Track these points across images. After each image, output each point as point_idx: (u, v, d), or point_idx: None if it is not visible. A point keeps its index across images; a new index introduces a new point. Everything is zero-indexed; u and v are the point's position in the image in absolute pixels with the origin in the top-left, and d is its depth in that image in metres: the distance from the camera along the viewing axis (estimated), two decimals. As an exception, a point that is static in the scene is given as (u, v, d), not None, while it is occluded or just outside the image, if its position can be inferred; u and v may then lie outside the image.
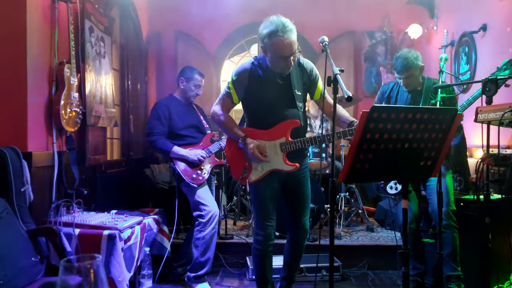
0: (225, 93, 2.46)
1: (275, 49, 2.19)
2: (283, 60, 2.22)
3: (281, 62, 2.24)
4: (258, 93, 2.37)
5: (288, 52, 2.19)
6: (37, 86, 2.62)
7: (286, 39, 2.15)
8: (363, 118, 1.60)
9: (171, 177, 4.06)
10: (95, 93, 3.29)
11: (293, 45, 2.19)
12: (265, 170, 2.42)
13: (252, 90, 2.38)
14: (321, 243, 3.63)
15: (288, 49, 2.18)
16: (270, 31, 2.18)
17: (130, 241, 2.60)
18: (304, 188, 2.52)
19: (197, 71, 3.24)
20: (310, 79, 2.45)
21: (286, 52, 2.18)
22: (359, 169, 1.71)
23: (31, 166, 2.50)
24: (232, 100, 2.45)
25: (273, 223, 2.45)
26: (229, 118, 2.48)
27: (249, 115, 2.50)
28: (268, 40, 2.19)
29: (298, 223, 2.53)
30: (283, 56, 2.20)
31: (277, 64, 2.28)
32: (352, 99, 1.70)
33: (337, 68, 1.75)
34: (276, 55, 2.21)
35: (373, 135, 1.65)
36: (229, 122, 2.46)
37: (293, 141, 2.36)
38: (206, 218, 3.00)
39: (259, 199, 2.44)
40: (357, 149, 1.66)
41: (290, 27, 2.17)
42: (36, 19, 2.60)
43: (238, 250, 3.69)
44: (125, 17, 4.25)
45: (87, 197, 2.98)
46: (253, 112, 2.46)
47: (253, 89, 2.37)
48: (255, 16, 5.55)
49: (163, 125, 3.09)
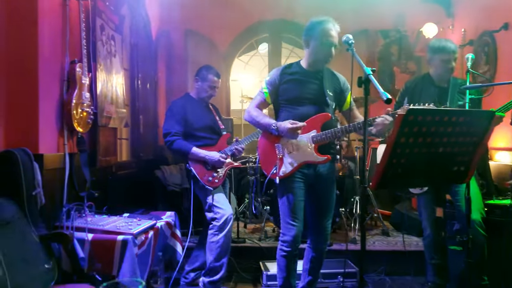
0: (260, 94, 2.58)
1: (323, 34, 2.36)
2: (327, 48, 2.37)
3: (324, 51, 2.38)
4: (292, 92, 2.47)
5: (333, 41, 2.36)
6: (49, 85, 2.54)
7: (334, 29, 2.38)
8: (398, 122, 1.51)
9: (182, 179, 3.99)
10: (106, 93, 3.21)
11: (337, 38, 2.37)
12: (298, 163, 2.42)
13: (286, 90, 2.49)
14: (335, 247, 3.54)
15: (334, 38, 2.37)
16: (322, 19, 2.39)
17: (144, 246, 2.51)
18: (330, 191, 2.53)
19: (214, 72, 3.14)
20: (342, 89, 2.57)
21: (332, 40, 2.36)
22: (392, 174, 1.62)
23: (42, 168, 2.42)
24: (266, 100, 2.56)
25: (300, 224, 2.43)
26: (260, 112, 2.58)
27: (281, 113, 2.53)
28: (318, 26, 2.38)
29: (320, 226, 2.52)
30: (329, 41, 2.36)
31: (319, 54, 2.41)
32: (391, 101, 1.60)
33: (368, 68, 1.66)
34: (323, 40, 2.36)
35: (407, 139, 1.57)
36: (260, 114, 2.56)
37: (323, 132, 2.41)
38: (221, 221, 2.91)
39: (287, 198, 2.42)
40: (391, 154, 1.57)
41: (336, 24, 2.41)
42: (47, 18, 2.51)
43: (251, 254, 3.59)
44: (135, 15, 4.17)
45: (98, 200, 2.90)
46: (285, 109, 2.51)
47: (286, 88, 2.48)
48: (266, 14, 5.51)
49: (180, 125, 3.01)
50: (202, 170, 2.99)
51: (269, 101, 2.57)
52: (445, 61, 2.80)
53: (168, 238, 3.03)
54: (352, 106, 2.59)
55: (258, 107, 2.58)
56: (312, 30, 2.41)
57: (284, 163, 2.43)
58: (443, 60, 2.80)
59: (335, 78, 2.57)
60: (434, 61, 2.86)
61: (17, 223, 2.05)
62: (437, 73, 2.87)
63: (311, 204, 2.53)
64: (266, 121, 2.49)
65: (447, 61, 2.79)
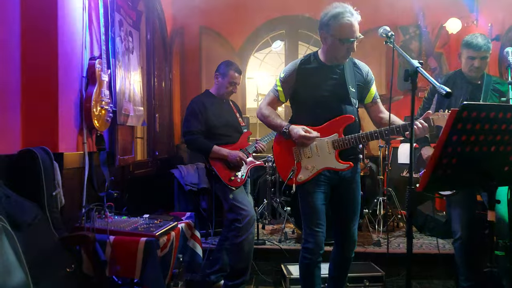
0: (273, 91, 2.38)
1: (340, 31, 2.11)
2: (346, 45, 2.14)
3: (343, 47, 2.15)
4: (309, 88, 2.25)
5: (352, 35, 2.12)
6: (68, 82, 2.46)
7: (353, 21, 2.11)
8: (451, 118, 1.40)
9: (199, 178, 3.90)
10: (124, 90, 3.13)
11: (357, 30, 2.13)
12: (316, 169, 2.25)
13: (303, 87, 2.27)
14: (358, 250, 3.41)
15: (353, 32, 2.12)
16: (336, 12, 2.11)
17: (166, 248, 2.42)
18: (356, 194, 2.35)
19: (235, 67, 3.03)
20: (366, 81, 2.35)
21: (351, 34, 2.11)
22: (441, 175, 1.51)
23: (62, 168, 2.34)
24: (279, 98, 2.35)
25: (323, 230, 2.27)
26: (273, 111, 2.38)
27: (298, 113, 2.35)
28: (334, 22, 2.12)
29: (346, 232, 2.35)
30: (347, 38, 2.12)
31: (337, 51, 2.18)
32: (451, 94, 1.49)
33: (416, 61, 1.54)
34: (340, 38, 2.12)
35: (460, 137, 1.45)
36: (273, 114, 2.35)
37: (346, 137, 2.21)
38: (244, 222, 2.81)
39: (309, 203, 2.26)
40: (441, 153, 1.45)
41: (355, 11, 2.13)
42: (67, 13, 2.43)
43: (271, 256, 3.48)
44: (151, 11, 4.09)
45: (116, 200, 2.82)
46: (303, 109, 2.32)
47: (303, 85, 2.27)
48: (281, 10, 5.40)
49: (201, 123, 2.91)
50: (223, 169, 2.90)
51: (283, 100, 2.36)
52: (469, 58, 2.66)
53: (188, 240, 2.95)
54: (376, 98, 2.37)
55: (270, 105, 2.38)
56: (328, 26, 2.14)
57: (302, 169, 2.25)
58: (468, 56, 2.67)
59: (357, 69, 2.32)
60: (462, 56, 2.73)
61: (38, 225, 1.98)
62: (464, 70, 2.74)
63: (336, 208, 2.37)
64: (278, 122, 2.30)
65: (471, 59, 2.65)
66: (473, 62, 2.64)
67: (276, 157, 2.39)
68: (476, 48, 2.61)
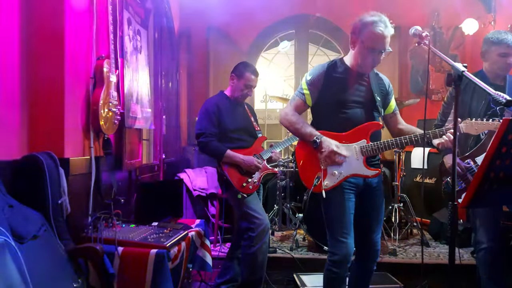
0: (298, 95, 2.27)
1: (372, 40, 2.07)
2: (374, 54, 2.10)
3: (371, 56, 2.11)
4: (337, 93, 2.18)
5: (383, 46, 2.09)
6: (75, 83, 2.33)
7: (386, 31, 2.07)
8: (502, 128, 1.26)
9: (207, 183, 3.77)
10: (132, 92, 3.00)
11: (388, 42, 2.10)
12: (343, 176, 2.15)
13: (330, 91, 2.19)
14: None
15: (384, 43, 2.09)
16: (372, 20, 2.08)
17: (177, 260, 2.30)
18: (380, 202, 2.28)
19: (252, 69, 2.90)
20: (387, 92, 2.32)
21: (382, 45, 2.08)
22: (487, 190, 1.37)
23: (68, 174, 2.21)
24: (305, 102, 2.25)
25: (351, 241, 2.14)
26: (301, 118, 2.27)
27: (322, 119, 2.25)
28: (366, 28, 2.08)
29: (369, 242, 2.25)
30: (377, 48, 2.08)
31: (363, 59, 2.14)
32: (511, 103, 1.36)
33: (460, 64, 1.41)
34: (370, 46, 2.08)
35: (509, 148, 1.31)
36: (300, 121, 2.24)
37: (375, 143, 2.13)
38: (257, 231, 2.68)
39: (335, 211, 2.15)
40: (489, 166, 1.32)
41: (389, 24, 2.10)
42: (74, 10, 2.30)
43: (283, 265, 3.36)
44: (159, 9, 3.96)
45: (123, 206, 2.70)
46: (328, 113, 2.23)
47: (330, 89, 2.19)
48: (290, 10, 5.26)
49: (214, 126, 2.78)
50: (236, 175, 2.77)
51: (310, 103, 2.26)
52: (502, 55, 2.53)
53: (198, 249, 2.82)
54: (396, 111, 2.34)
55: (296, 110, 2.26)
56: (361, 32, 2.10)
57: (328, 175, 2.15)
58: (500, 53, 2.53)
59: (379, 79, 2.30)
60: (489, 55, 2.59)
61: (43, 236, 1.84)
62: (492, 69, 2.60)
63: (359, 216, 2.25)
64: (308, 131, 2.18)
65: (505, 55, 2.52)
66: (507, 59, 2.51)
67: (299, 162, 2.27)
68: (509, 43, 2.48)
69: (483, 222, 2.60)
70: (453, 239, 1.45)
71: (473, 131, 2.05)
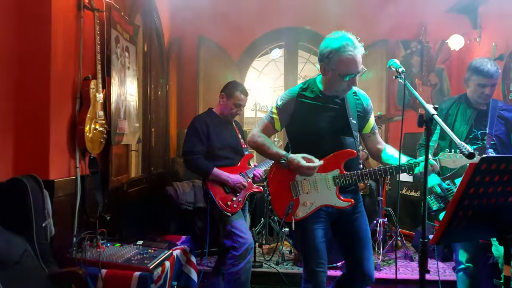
0: (267, 118, 2.22)
1: (342, 66, 1.95)
2: (348, 79, 1.98)
3: (344, 82, 2.00)
4: (308, 120, 2.11)
5: (356, 70, 1.97)
6: (61, 104, 2.35)
7: (356, 55, 1.94)
8: (469, 171, 1.31)
9: (195, 197, 3.79)
10: (120, 108, 3.01)
11: (360, 63, 1.97)
12: (315, 206, 2.11)
13: (301, 117, 2.12)
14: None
15: (356, 67, 1.96)
16: (339, 45, 1.95)
17: (160, 280, 2.32)
18: (363, 228, 2.19)
19: (241, 89, 2.92)
20: (366, 111, 2.22)
21: (354, 69, 1.96)
22: (455, 227, 1.42)
23: (53, 195, 2.22)
24: (274, 126, 2.21)
25: (325, 269, 2.13)
26: (267, 139, 2.22)
27: (295, 145, 2.21)
28: (335, 56, 1.96)
29: (360, 270, 2.15)
30: (351, 73, 1.96)
31: (337, 85, 2.04)
32: (474, 156, 1.40)
33: (430, 106, 1.44)
34: (341, 73, 1.97)
35: (477, 189, 1.36)
36: (267, 142, 2.19)
37: (348, 174, 2.08)
38: (241, 251, 2.71)
39: (308, 242, 2.11)
40: (458, 206, 1.37)
41: (358, 43, 1.96)
42: (61, 31, 2.32)
43: (268, 280, 3.40)
44: (148, 23, 3.97)
45: (109, 222, 2.71)
46: (301, 141, 2.18)
47: (301, 115, 2.12)
48: (280, 22, 5.30)
49: (203, 144, 2.81)
50: (221, 193, 2.80)
51: (278, 128, 2.21)
52: (480, 86, 2.57)
53: (183, 266, 2.85)
54: (375, 130, 2.26)
55: (264, 132, 2.21)
56: (330, 60, 1.98)
57: (300, 205, 2.11)
58: (479, 83, 2.58)
59: (357, 98, 2.19)
60: (470, 83, 2.65)
61: (26, 261, 1.86)
62: (472, 97, 2.66)
63: (342, 244, 2.22)
64: (274, 151, 2.15)
65: (482, 86, 2.56)
66: (484, 90, 2.56)
67: (271, 192, 2.23)
68: (487, 75, 2.52)
69: (461, 243, 2.66)
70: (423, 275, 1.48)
71: (451, 165, 2.04)
